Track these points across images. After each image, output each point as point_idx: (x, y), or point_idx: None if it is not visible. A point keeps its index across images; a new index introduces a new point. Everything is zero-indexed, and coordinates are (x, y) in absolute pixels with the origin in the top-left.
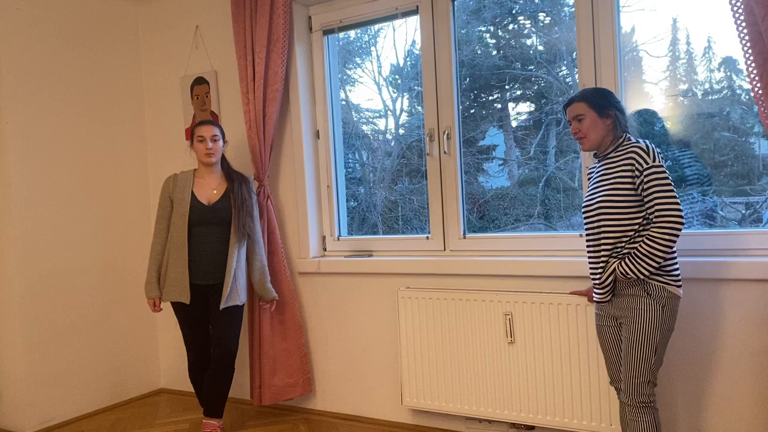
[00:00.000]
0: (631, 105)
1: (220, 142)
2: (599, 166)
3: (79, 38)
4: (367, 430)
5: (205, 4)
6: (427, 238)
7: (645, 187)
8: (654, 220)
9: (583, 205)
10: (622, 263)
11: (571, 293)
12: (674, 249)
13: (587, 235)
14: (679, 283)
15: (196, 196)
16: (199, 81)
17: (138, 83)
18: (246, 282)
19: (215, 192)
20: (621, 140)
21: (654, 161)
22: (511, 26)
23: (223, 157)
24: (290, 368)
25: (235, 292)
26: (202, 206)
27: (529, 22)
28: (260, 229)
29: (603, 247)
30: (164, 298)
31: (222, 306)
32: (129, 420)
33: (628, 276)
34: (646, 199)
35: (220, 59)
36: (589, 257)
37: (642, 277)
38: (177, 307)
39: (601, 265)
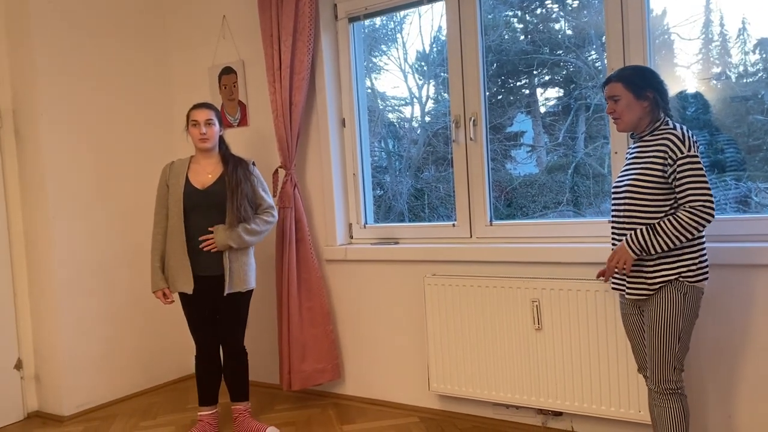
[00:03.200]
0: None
1: (216, 127)
2: (633, 148)
3: (108, 31)
4: (394, 415)
5: None
6: (453, 225)
7: (677, 176)
8: (685, 205)
9: (613, 186)
10: (636, 231)
11: (598, 275)
12: (703, 240)
13: (613, 217)
14: (705, 276)
15: (190, 181)
16: (227, 71)
17: (166, 74)
18: (255, 267)
19: (210, 176)
20: (659, 123)
21: (689, 150)
22: (538, 10)
23: (222, 142)
24: (319, 354)
25: (239, 278)
26: (195, 190)
27: (557, 6)
28: (267, 202)
29: (627, 231)
30: (171, 288)
31: (226, 292)
32: (162, 404)
33: (635, 244)
34: (678, 188)
35: (247, 49)
36: (614, 240)
37: (651, 251)
38: (183, 297)
39: None
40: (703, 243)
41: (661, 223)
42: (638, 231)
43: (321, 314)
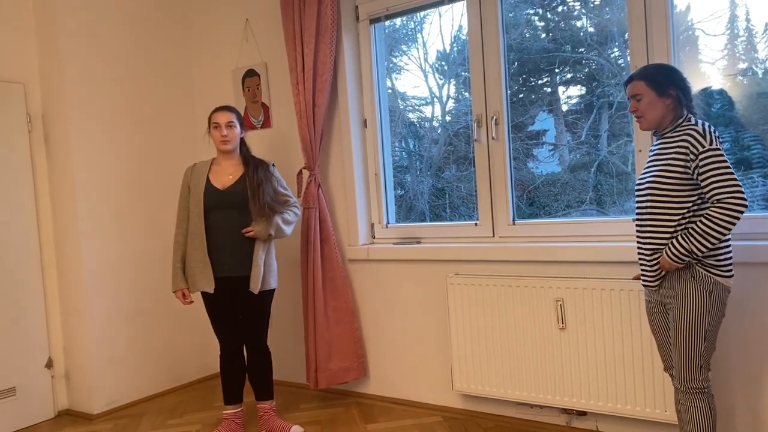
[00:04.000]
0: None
1: (237, 129)
2: (656, 146)
3: (134, 36)
4: (418, 414)
5: None
6: (476, 224)
7: (700, 171)
8: (713, 201)
9: (636, 184)
10: (673, 242)
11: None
12: (728, 237)
13: (637, 215)
14: (730, 273)
15: (211, 182)
16: (250, 73)
17: (191, 77)
18: (277, 267)
19: (230, 177)
20: (681, 120)
21: (711, 144)
22: (560, 8)
23: (243, 144)
24: (345, 352)
25: (265, 278)
26: (216, 190)
27: (578, 3)
28: (292, 198)
29: (649, 228)
30: (191, 288)
31: (254, 290)
32: (189, 402)
33: (677, 256)
34: (702, 183)
35: (270, 51)
36: (638, 238)
37: (693, 256)
38: (204, 297)
39: (647, 247)
40: (728, 239)
41: (694, 226)
42: (674, 241)
43: (346, 313)
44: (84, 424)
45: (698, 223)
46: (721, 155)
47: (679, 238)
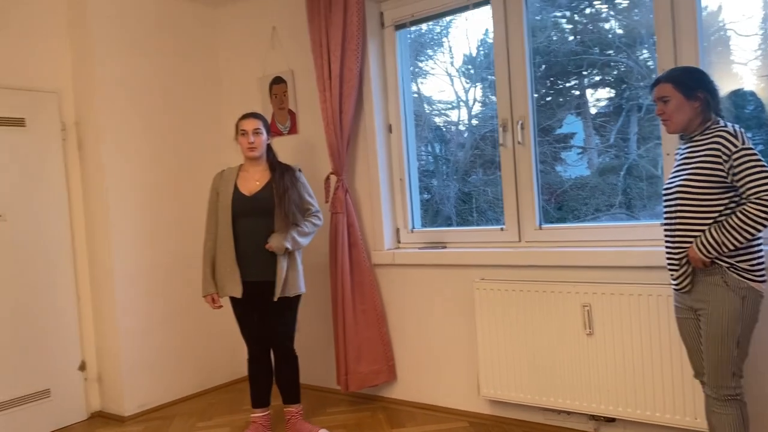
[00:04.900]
0: (720, 87)
1: (264, 136)
2: (684, 149)
3: (164, 44)
4: (444, 419)
5: (279, 5)
6: (502, 229)
7: (735, 171)
8: (750, 197)
9: (664, 188)
10: (705, 233)
11: None
12: (760, 240)
13: (665, 220)
14: (763, 278)
15: (238, 188)
16: (277, 80)
17: (219, 85)
18: (303, 271)
19: (258, 183)
20: (710, 123)
21: (743, 144)
22: (587, 10)
23: (270, 150)
24: (374, 356)
25: (289, 284)
26: (243, 197)
27: (606, 5)
28: (314, 207)
29: (679, 233)
30: (219, 293)
31: (277, 296)
32: (218, 405)
33: (706, 248)
34: (738, 183)
35: (296, 58)
36: (666, 243)
37: (722, 250)
38: (232, 302)
39: (676, 251)
40: (760, 244)
41: (729, 219)
42: (706, 232)
43: (375, 316)
44: (115, 426)
45: (733, 217)
46: (755, 153)
47: (711, 230)
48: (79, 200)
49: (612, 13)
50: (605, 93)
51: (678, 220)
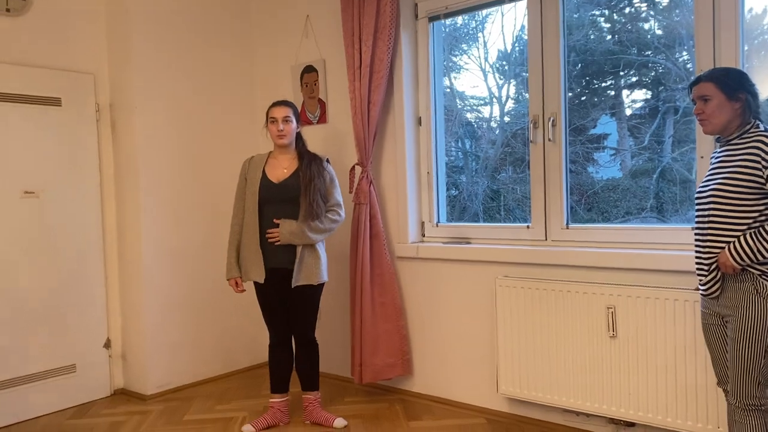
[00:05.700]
0: (764, 90)
1: (293, 124)
2: (720, 152)
3: (198, 30)
4: (461, 414)
5: None
6: (528, 227)
7: None
8: None
9: (697, 191)
10: (739, 238)
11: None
12: None
13: (696, 224)
14: None
15: (266, 175)
16: (309, 69)
17: (251, 72)
18: (327, 261)
19: (285, 170)
20: (749, 127)
21: None
22: (627, 9)
23: (299, 138)
24: (390, 349)
25: (310, 272)
26: (271, 184)
27: (645, 4)
28: (336, 200)
29: (710, 239)
30: (243, 277)
31: (294, 284)
32: (237, 390)
33: (738, 254)
34: None
35: (329, 48)
36: (696, 247)
37: (755, 258)
38: (256, 287)
39: (706, 256)
40: None
41: (766, 226)
42: (740, 238)
43: (393, 309)
44: (137, 404)
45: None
46: None
47: (747, 236)
48: (111, 180)
49: (652, 13)
50: (641, 94)
51: (710, 225)
